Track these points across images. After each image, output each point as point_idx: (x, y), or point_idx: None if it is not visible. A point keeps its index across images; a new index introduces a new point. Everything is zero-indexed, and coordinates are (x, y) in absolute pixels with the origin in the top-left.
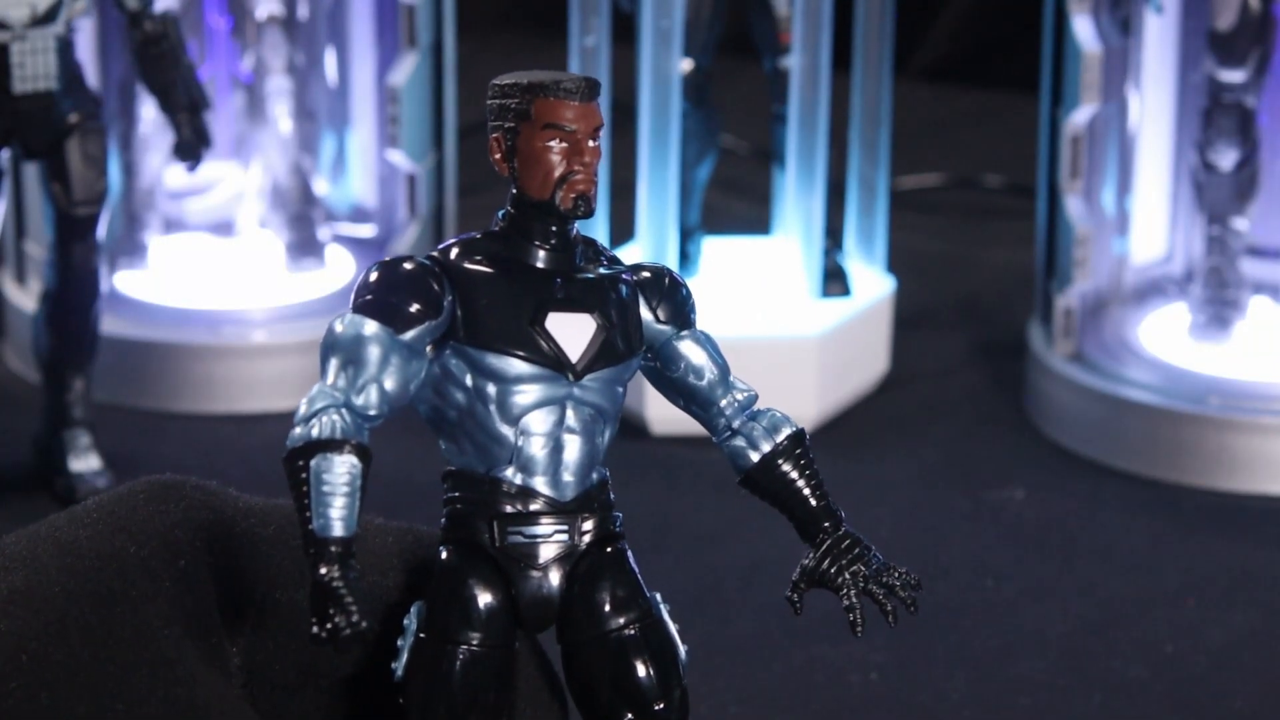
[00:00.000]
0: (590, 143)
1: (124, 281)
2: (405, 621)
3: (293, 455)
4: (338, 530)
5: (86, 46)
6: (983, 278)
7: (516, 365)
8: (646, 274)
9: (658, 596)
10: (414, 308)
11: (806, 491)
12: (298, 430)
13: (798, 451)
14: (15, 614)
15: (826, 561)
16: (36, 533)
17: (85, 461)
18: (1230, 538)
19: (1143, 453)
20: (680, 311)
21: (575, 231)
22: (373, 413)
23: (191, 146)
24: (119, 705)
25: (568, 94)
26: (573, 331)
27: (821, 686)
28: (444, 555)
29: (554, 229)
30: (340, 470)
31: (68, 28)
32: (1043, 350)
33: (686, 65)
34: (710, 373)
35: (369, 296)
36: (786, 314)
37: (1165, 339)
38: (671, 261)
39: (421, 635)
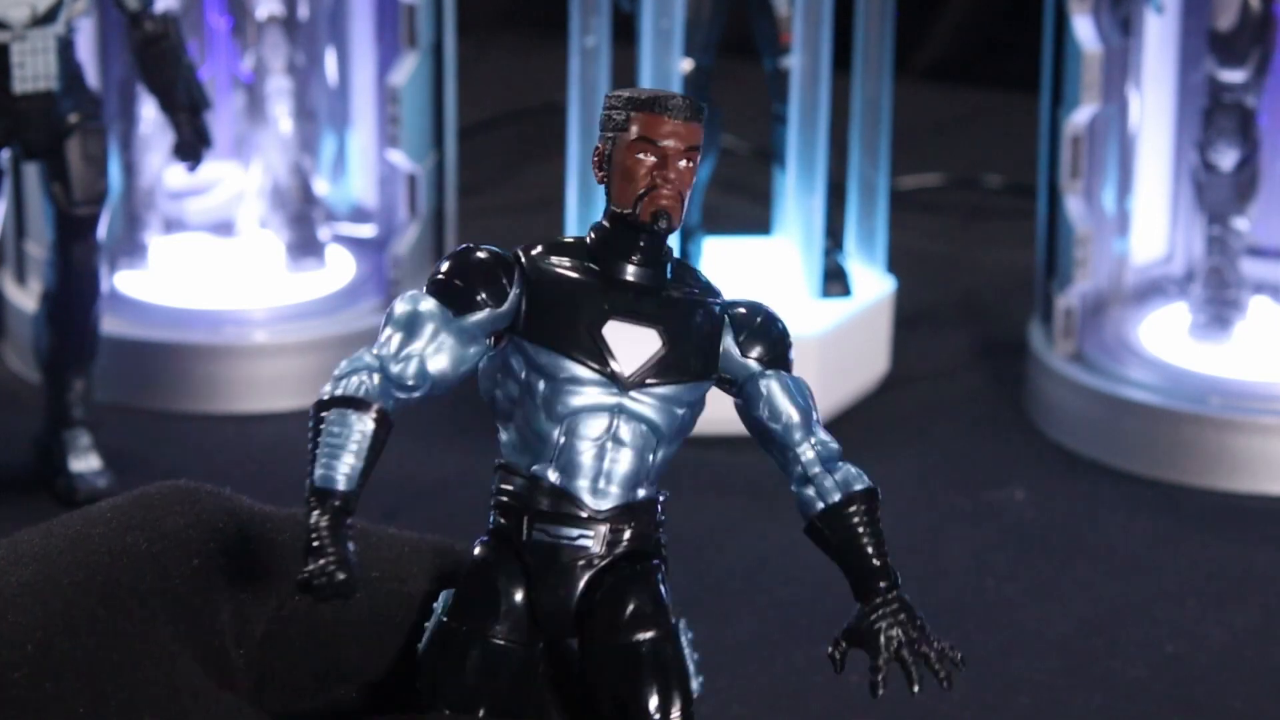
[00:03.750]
0: (682, 162)
1: (124, 281)
2: (434, 605)
3: (317, 407)
4: (338, 484)
5: (86, 46)
6: (983, 278)
7: (567, 366)
8: (741, 308)
9: (683, 623)
10: (477, 294)
11: (868, 549)
12: (328, 385)
13: (864, 508)
14: (24, 605)
15: (870, 620)
16: (50, 529)
17: (85, 461)
18: (1230, 538)
19: (1143, 453)
20: (768, 350)
21: (667, 251)
22: (410, 383)
23: (192, 146)
24: (121, 694)
25: (664, 110)
26: (633, 343)
27: (822, 686)
28: (478, 548)
29: (638, 242)
30: (355, 428)
31: (68, 28)
32: (1043, 350)
33: (687, 65)
34: (788, 417)
35: (438, 277)
36: (786, 314)
37: (1165, 339)
38: None
39: (445, 619)
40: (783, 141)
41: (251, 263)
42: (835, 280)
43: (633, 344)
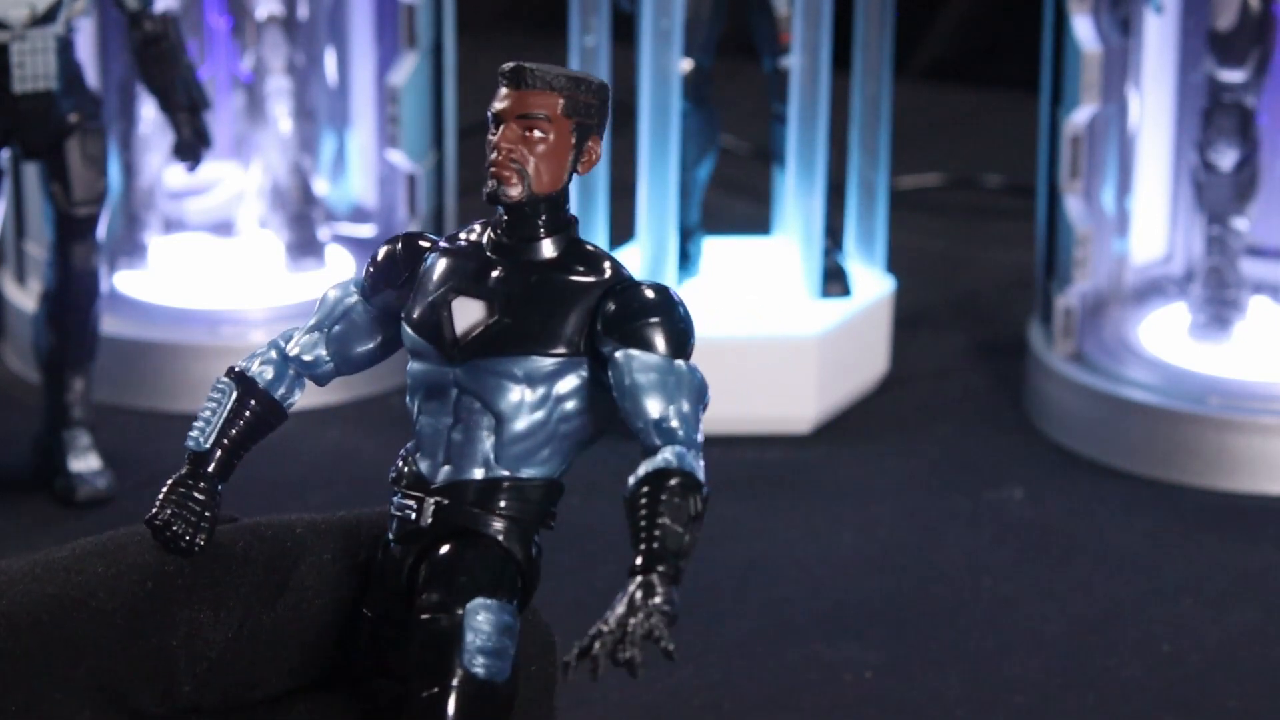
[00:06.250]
0: (529, 132)
1: (124, 281)
2: None
3: (225, 371)
4: (204, 446)
5: (86, 46)
6: (983, 278)
7: (414, 339)
8: (633, 287)
9: (495, 604)
10: (380, 279)
11: (640, 524)
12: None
13: (661, 485)
14: None
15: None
16: (17, 557)
17: (85, 461)
18: (1229, 538)
19: (1143, 453)
20: (627, 327)
21: (557, 228)
22: (307, 359)
23: (191, 146)
24: (56, 695)
25: (505, 81)
26: (467, 315)
27: (816, 685)
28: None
29: (504, 218)
30: (231, 396)
31: (67, 28)
32: (1043, 350)
33: (686, 65)
34: (627, 392)
35: (366, 262)
36: (786, 314)
37: (1165, 339)
38: (671, 261)
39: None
40: (782, 141)
41: (251, 263)
42: (835, 280)
43: (467, 315)
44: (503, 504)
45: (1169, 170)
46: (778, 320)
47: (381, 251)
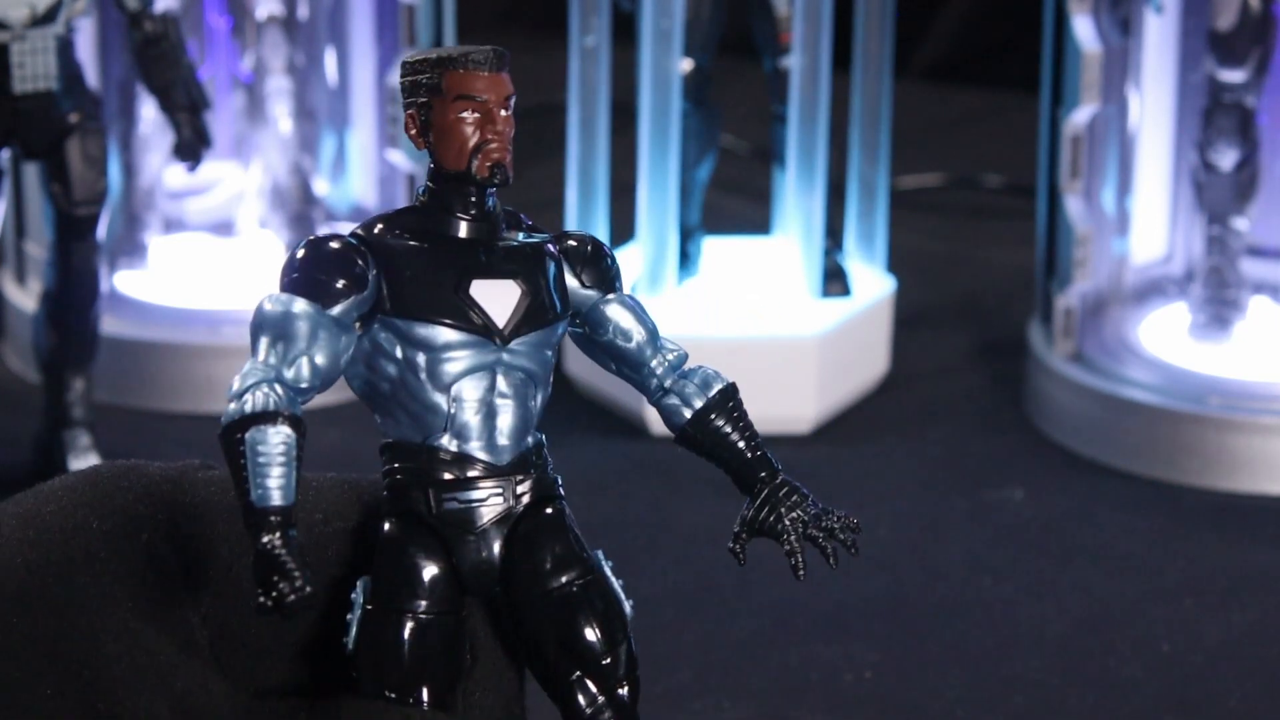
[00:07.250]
0: (502, 112)
1: (124, 281)
2: (353, 595)
3: (228, 430)
4: (276, 499)
5: (86, 46)
6: (983, 278)
7: (444, 333)
8: (571, 241)
9: (600, 553)
10: (340, 283)
11: (741, 443)
12: (232, 406)
13: (730, 405)
14: None
15: (765, 510)
16: (2, 510)
17: (85, 461)
18: (1229, 538)
19: (1142, 453)
20: (605, 276)
21: (495, 202)
22: (304, 385)
23: (191, 146)
24: (86, 673)
25: (477, 65)
26: (497, 297)
27: (816, 684)
28: (386, 527)
29: (473, 199)
30: (275, 441)
31: (67, 28)
32: (1043, 350)
33: (686, 65)
34: (637, 334)
35: (296, 274)
36: (786, 314)
37: (1165, 339)
38: (671, 261)
39: (369, 607)
40: (783, 141)
41: (251, 263)
42: (835, 280)
43: (498, 298)
44: (547, 463)
45: (1169, 170)
46: (778, 320)
47: (330, 257)
